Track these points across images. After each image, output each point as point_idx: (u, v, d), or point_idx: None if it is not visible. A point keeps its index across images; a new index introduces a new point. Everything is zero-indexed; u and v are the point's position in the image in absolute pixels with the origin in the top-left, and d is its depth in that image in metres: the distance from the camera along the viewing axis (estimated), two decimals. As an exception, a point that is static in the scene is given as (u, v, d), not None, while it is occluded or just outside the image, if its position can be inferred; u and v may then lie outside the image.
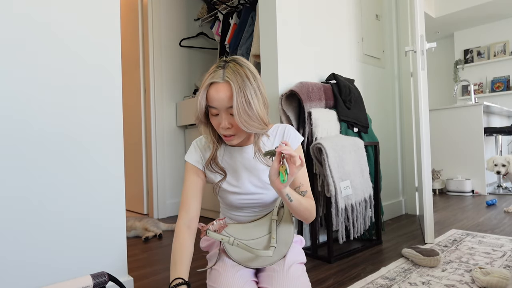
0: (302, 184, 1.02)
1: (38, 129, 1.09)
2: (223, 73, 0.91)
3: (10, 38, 1.05)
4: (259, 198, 1.05)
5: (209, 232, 0.94)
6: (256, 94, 0.92)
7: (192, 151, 1.07)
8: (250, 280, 0.97)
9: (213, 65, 0.96)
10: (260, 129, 0.95)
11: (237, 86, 0.89)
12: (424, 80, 1.91)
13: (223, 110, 0.92)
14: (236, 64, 0.93)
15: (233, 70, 0.91)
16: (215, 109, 0.93)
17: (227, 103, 0.91)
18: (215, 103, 0.91)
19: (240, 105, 0.89)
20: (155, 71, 2.88)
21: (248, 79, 0.91)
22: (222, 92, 0.90)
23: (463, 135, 3.74)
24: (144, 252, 1.91)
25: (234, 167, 1.05)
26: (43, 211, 1.09)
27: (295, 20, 1.92)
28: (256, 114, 0.91)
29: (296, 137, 1.07)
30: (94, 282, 0.90)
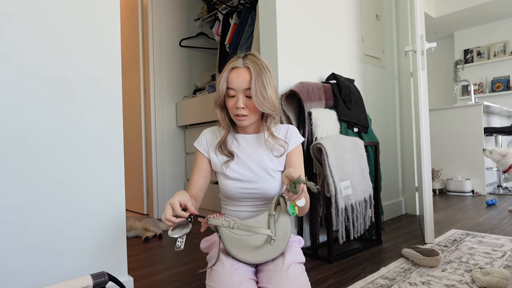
0: None
1: (37, 129, 1.09)
2: (243, 61, 1.06)
3: (10, 38, 1.05)
4: (260, 187, 1.09)
5: (210, 219, 0.99)
6: (270, 83, 1.07)
7: (201, 139, 1.19)
8: (248, 278, 0.97)
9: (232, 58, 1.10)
10: (272, 110, 1.08)
11: (255, 71, 1.04)
12: (424, 80, 1.91)
13: (240, 91, 1.05)
14: (255, 57, 1.08)
15: (252, 60, 1.06)
16: (234, 90, 1.06)
17: (246, 85, 1.04)
18: (235, 84, 1.05)
19: (258, 87, 1.03)
20: (155, 71, 2.88)
21: (264, 69, 1.06)
22: (242, 75, 1.05)
23: (463, 135, 3.74)
24: (144, 252, 1.91)
25: (239, 154, 1.13)
26: (42, 211, 1.09)
27: (295, 20, 1.92)
28: (269, 97, 1.06)
29: (298, 137, 1.17)
30: (94, 282, 0.90)
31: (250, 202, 1.12)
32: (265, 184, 1.10)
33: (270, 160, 1.12)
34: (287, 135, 1.16)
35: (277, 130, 1.17)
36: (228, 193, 1.12)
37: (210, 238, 1.17)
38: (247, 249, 1.01)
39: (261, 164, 1.11)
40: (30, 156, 1.07)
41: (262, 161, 1.11)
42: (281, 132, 1.17)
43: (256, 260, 1.02)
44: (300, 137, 1.17)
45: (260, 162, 1.11)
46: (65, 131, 1.14)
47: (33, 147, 1.08)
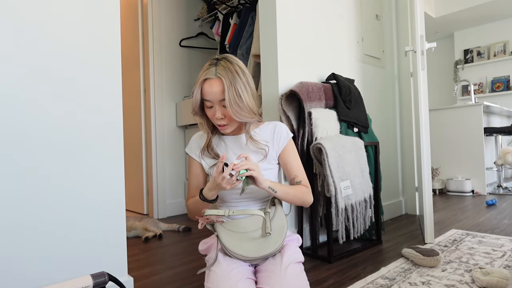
0: (296, 176, 1.14)
1: (37, 129, 1.09)
2: (216, 70, 1.02)
3: (9, 39, 1.05)
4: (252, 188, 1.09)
5: (207, 211, 1.02)
6: (246, 88, 1.03)
7: (191, 144, 1.20)
8: (246, 278, 0.97)
9: (207, 63, 1.06)
10: (250, 118, 1.06)
11: (228, 81, 1.00)
12: (424, 80, 1.91)
13: (216, 102, 1.03)
14: (227, 61, 1.03)
15: (224, 67, 1.02)
16: (209, 101, 1.04)
17: (220, 96, 1.01)
18: (209, 96, 1.02)
19: (232, 97, 1.00)
20: (155, 71, 2.88)
21: (238, 74, 1.02)
22: (215, 86, 1.01)
23: (463, 135, 3.74)
24: (144, 252, 1.91)
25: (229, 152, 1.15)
26: (42, 211, 1.09)
27: (295, 20, 1.92)
28: (246, 105, 1.03)
29: (287, 135, 1.16)
30: (94, 282, 0.90)
31: (242, 202, 1.13)
32: None
33: (258, 160, 1.13)
34: (274, 134, 1.15)
35: (264, 128, 1.16)
36: (220, 194, 1.13)
37: (209, 240, 1.17)
38: (243, 243, 1.02)
39: None
40: (30, 156, 1.07)
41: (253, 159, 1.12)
42: (268, 131, 1.16)
43: (253, 255, 1.01)
44: (289, 134, 1.17)
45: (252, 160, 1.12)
46: (65, 131, 1.14)
47: (33, 147, 1.08)
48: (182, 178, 3.05)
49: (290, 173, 1.15)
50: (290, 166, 1.15)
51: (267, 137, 1.15)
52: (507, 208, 2.83)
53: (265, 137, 1.15)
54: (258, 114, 1.09)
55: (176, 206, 2.98)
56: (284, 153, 1.16)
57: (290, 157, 1.15)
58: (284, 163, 1.16)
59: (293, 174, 1.14)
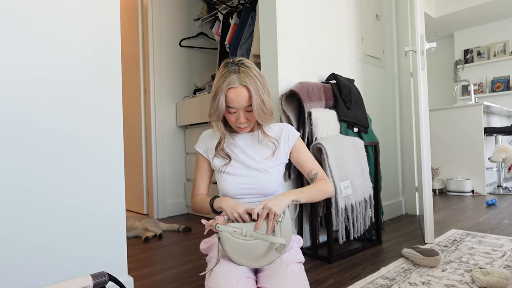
0: (312, 168, 1.19)
1: (37, 130, 1.09)
2: (239, 77, 1.04)
3: (9, 39, 1.05)
4: (257, 182, 1.13)
5: (219, 225, 1.00)
6: (265, 91, 1.07)
7: (201, 142, 1.24)
8: (246, 277, 0.97)
9: (221, 67, 1.08)
10: (272, 120, 1.13)
11: (253, 88, 1.04)
12: (424, 80, 1.91)
13: (241, 109, 1.07)
14: (246, 67, 1.06)
15: (246, 74, 1.04)
16: (233, 108, 1.07)
17: (246, 103, 1.05)
18: (235, 104, 1.05)
19: (258, 105, 1.05)
20: (155, 71, 2.88)
21: (258, 80, 1.06)
22: (241, 95, 1.04)
23: (463, 135, 3.74)
24: (144, 252, 1.91)
25: (236, 152, 1.18)
26: (42, 211, 1.09)
27: (295, 20, 1.92)
28: (269, 108, 1.08)
29: (294, 133, 1.22)
30: (94, 282, 0.90)
31: (248, 198, 1.13)
32: (262, 179, 1.13)
33: (265, 157, 1.17)
34: (282, 134, 1.20)
35: (271, 129, 1.21)
36: (227, 189, 1.14)
37: (210, 240, 1.17)
38: (247, 256, 1.00)
39: (257, 161, 1.16)
40: (30, 156, 1.07)
41: (258, 158, 1.16)
42: (275, 131, 1.21)
43: (255, 266, 1.02)
44: (297, 132, 1.22)
45: (256, 158, 1.16)
46: (65, 131, 1.14)
47: (32, 147, 1.08)
48: (182, 178, 3.05)
49: (305, 167, 1.19)
50: (304, 162, 1.20)
51: (275, 135, 1.21)
52: (507, 208, 2.83)
53: (273, 135, 1.20)
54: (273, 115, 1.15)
55: (176, 206, 2.98)
56: (294, 150, 1.20)
57: (301, 153, 1.20)
58: (297, 160, 1.21)
59: (309, 168, 1.19)
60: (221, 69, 1.07)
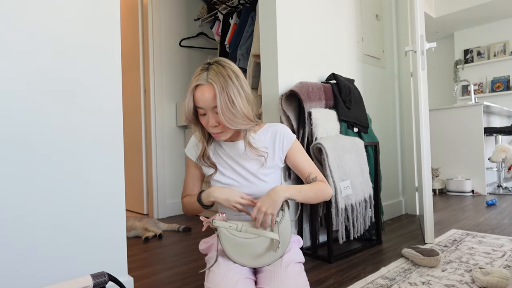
0: (310, 173, 1.13)
1: (37, 130, 1.09)
2: (207, 75, 0.98)
3: (8, 39, 1.05)
4: (253, 192, 1.09)
5: (216, 221, 0.99)
6: (239, 93, 0.99)
7: (190, 145, 1.18)
8: (244, 278, 0.97)
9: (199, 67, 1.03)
10: (245, 125, 1.02)
11: (219, 86, 0.96)
12: (424, 80, 1.91)
13: (209, 109, 1.00)
14: (219, 65, 1.00)
15: (215, 72, 0.98)
16: (202, 109, 1.01)
17: (212, 103, 0.98)
18: (201, 103, 0.99)
19: (224, 104, 0.96)
20: (155, 71, 2.88)
21: (231, 79, 0.98)
22: (206, 93, 0.98)
23: (463, 135, 3.74)
24: (144, 252, 1.91)
25: (226, 160, 1.12)
26: (42, 211, 1.09)
27: (295, 20, 1.91)
28: (240, 111, 0.99)
29: (290, 134, 1.14)
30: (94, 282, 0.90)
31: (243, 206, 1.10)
32: (257, 188, 1.09)
33: (259, 166, 1.10)
34: (276, 139, 1.12)
35: (263, 133, 1.13)
36: None
37: (209, 240, 1.17)
38: (246, 254, 1.00)
39: (249, 170, 1.10)
40: (29, 156, 1.07)
41: (250, 167, 1.10)
42: (268, 135, 1.13)
43: (254, 265, 1.02)
44: (292, 136, 1.14)
45: (249, 168, 1.10)
46: (65, 131, 1.14)
47: (33, 147, 1.08)
48: (182, 178, 3.05)
49: (303, 172, 1.14)
50: (301, 166, 1.14)
51: (267, 142, 1.12)
52: (507, 208, 2.83)
53: (265, 142, 1.12)
54: (254, 120, 1.05)
55: (176, 206, 2.98)
56: (291, 154, 1.14)
57: (298, 157, 1.14)
58: (294, 164, 1.14)
59: (307, 172, 1.13)
60: (198, 69, 1.04)
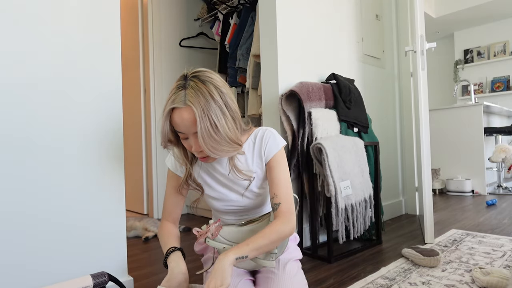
0: (276, 195, 0.95)
1: (37, 129, 1.09)
2: (185, 95, 0.83)
3: (8, 39, 1.05)
4: (245, 205, 1.05)
5: (209, 241, 0.93)
6: (224, 113, 0.85)
7: (171, 157, 1.05)
8: (244, 279, 0.97)
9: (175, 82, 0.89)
10: (232, 151, 0.89)
11: (199, 109, 0.82)
12: (424, 80, 1.91)
13: (190, 134, 0.87)
14: (198, 81, 0.85)
15: (194, 91, 0.83)
16: (183, 133, 0.88)
17: (193, 128, 0.85)
18: (181, 129, 0.86)
19: (205, 130, 0.82)
20: (155, 71, 2.88)
21: (213, 98, 0.84)
22: (185, 117, 0.84)
23: (463, 135, 3.74)
24: (144, 252, 1.91)
25: (216, 176, 1.03)
26: (42, 211, 1.09)
27: (295, 20, 1.92)
28: (225, 136, 0.85)
29: (276, 141, 1.00)
30: (94, 282, 0.90)
31: (238, 214, 1.08)
32: (249, 201, 1.04)
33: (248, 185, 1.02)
34: (262, 142, 1.00)
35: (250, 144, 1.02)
36: (214, 208, 1.10)
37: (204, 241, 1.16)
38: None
39: (240, 185, 1.02)
40: (29, 156, 1.07)
41: (238, 182, 1.02)
42: (257, 139, 1.02)
43: (252, 268, 1.01)
44: (279, 142, 1.00)
45: (237, 182, 1.02)
46: (64, 131, 1.14)
47: (33, 147, 1.08)
48: (182, 178, 3.05)
49: (271, 190, 0.97)
50: (272, 183, 0.97)
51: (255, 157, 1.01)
52: (507, 208, 2.83)
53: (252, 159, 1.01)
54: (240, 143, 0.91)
55: (176, 206, 2.98)
56: (269, 164, 0.99)
57: (274, 171, 0.97)
58: (268, 176, 1.00)
59: (273, 193, 0.96)
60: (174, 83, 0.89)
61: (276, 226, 0.90)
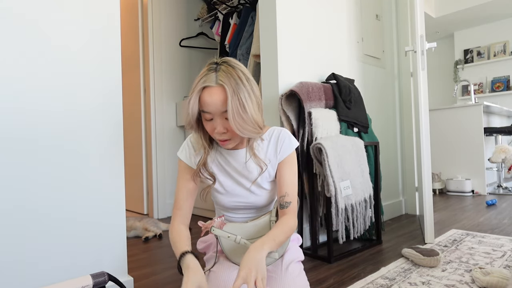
0: (287, 194, 1.00)
1: (37, 129, 1.09)
2: (216, 76, 0.88)
3: (9, 39, 1.05)
4: (252, 201, 1.06)
5: (214, 229, 0.95)
6: (250, 97, 0.90)
7: (185, 149, 1.06)
8: None
9: (205, 67, 0.93)
10: (255, 133, 0.93)
11: (231, 89, 0.87)
12: (424, 80, 1.91)
13: (217, 114, 0.90)
14: (229, 66, 0.90)
15: (226, 73, 0.88)
16: (209, 113, 0.91)
17: (222, 107, 0.88)
18: (209, 107, 0.89)
19: (235, 108, 0.87)
20: (155, 71, 2.88)
21: (242, 81, 0.89)
22: (216, 96, 0.88)
23: (463, 135, 3.74)
24: (144, 252, 1.91)
25: (227, 170, 1.04)
26: (43, 211, 1.09)
27: (295, 20, 1.92)
28: (251, 117, 0.89)
29: (291, 142, 1.04)
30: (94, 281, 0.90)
31: (243, 211, 1.09)
32: (256, 197, 1.05)
33: (259, 174, 1.03)
34: (278, 141, 1.04)
35: (268, 135, 1.06)
36: (220, 204, 1.09)
37: (207, 239, 1.16)
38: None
39: (250, 179, 1.04)
40: (30, 156, 1.07)
41: (250, 176, 1.03)
42: (273, 137, 1.05)
43: None
44: (293, 144, 1.05)
45: (249, 177, 1.04)
46: (65, 131, 1.14)
47: (33, 147, 1.08)
48: (182, 178, 3.05)
49: (281, 189, 1.02)
50: (283, 181, 1.02)
51: (270, 150, 1.05)
52: (507, 208, 2.83)
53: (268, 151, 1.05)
54: (262, 127, 0.96)
55: (176, 206, 2.98)
56: (282, 164, 1.03)
57: (286, 170, 1.03)
58: (279, 175, 1.04)
59: (284, 191, 1.01)
60: (203, 69, 0.93)
61: (289, 222, 0.97)
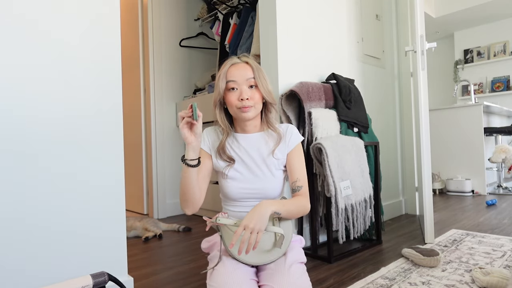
0: (298, 179, 1.12)
1: (37, 130, 1.09)
2: (239, 58, 1.10)
3: (9, 39, 1.05)
4: (261, 187, 1.09)
5: (220, 218, 0.99)
6: (267, 80, 1.11)
7: (203, 138, 1.16)
8: (249, 279, 0.97)
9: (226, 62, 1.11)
10: (273, 101, 1.12)
11: (255, 66, 1.08)
12: (424, 80, 1.91)
13: (242, 82, 1.06)
14: (248, 57, 1.11)
15: (247, 57, 1.11)
16: (235, 82, 1.06)
17: (247, 75, 1.06)
18: (236, 76, 1.06)
19: (261, 76, 1.07)
20: (155, 71, 2.88)
21: (260, 67, 1.11)
22: (242, 68, 1.07)
23: (463, 135, 3.74)
24: (144, 252, 1.91)
25: (238, 153, 1.13)
26: (43, 211, 1.09)
27: (295, 20, 1.91)
28: (270, 92, 1.10)
29: (298, 135, 1.17)
30: (94, 281, 0.90)
31: (250, 202, 1.11)
32: (266, 183, 1.10)
33: (271, 159, 1.11)
34: (286, 134, 1.16)
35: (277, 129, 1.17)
36: (228, 193, 1.11)
37: (212, 239, 1.17)
38: (249, 252, 1.00)
39: (261, 163, 1.11)
40: (30, 156, 1.07)
41: (262, 161, 1.11)
42: (281, 133, 1.16)
43: (257, 262, 1.02)
44: (300, 136, 1.17)
45: (261, 161, 1.11)
46: (65, 131, 1.14)
47: (33, 147, 1.08)
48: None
49: (293, 175, 1.12)
50: (294, 168, 1.13)
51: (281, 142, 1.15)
52: (507, 208, 2.83)
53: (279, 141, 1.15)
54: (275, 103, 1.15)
55: (176, 206, 2.98)
56: (291, 153, 1.15)
57: (296, 158, 1.14)
58: (289, 164, 1.14)
59: (296, 177, 1.12)
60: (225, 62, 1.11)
61: (302, 200, 1.08)
